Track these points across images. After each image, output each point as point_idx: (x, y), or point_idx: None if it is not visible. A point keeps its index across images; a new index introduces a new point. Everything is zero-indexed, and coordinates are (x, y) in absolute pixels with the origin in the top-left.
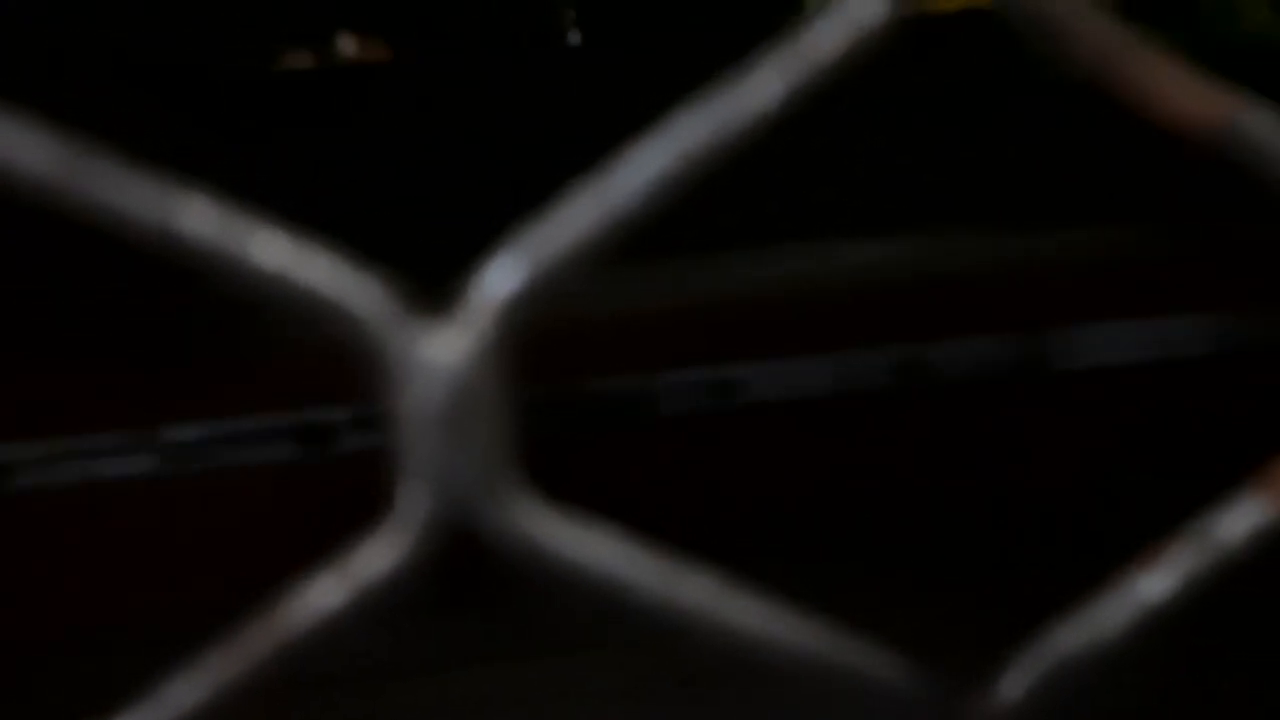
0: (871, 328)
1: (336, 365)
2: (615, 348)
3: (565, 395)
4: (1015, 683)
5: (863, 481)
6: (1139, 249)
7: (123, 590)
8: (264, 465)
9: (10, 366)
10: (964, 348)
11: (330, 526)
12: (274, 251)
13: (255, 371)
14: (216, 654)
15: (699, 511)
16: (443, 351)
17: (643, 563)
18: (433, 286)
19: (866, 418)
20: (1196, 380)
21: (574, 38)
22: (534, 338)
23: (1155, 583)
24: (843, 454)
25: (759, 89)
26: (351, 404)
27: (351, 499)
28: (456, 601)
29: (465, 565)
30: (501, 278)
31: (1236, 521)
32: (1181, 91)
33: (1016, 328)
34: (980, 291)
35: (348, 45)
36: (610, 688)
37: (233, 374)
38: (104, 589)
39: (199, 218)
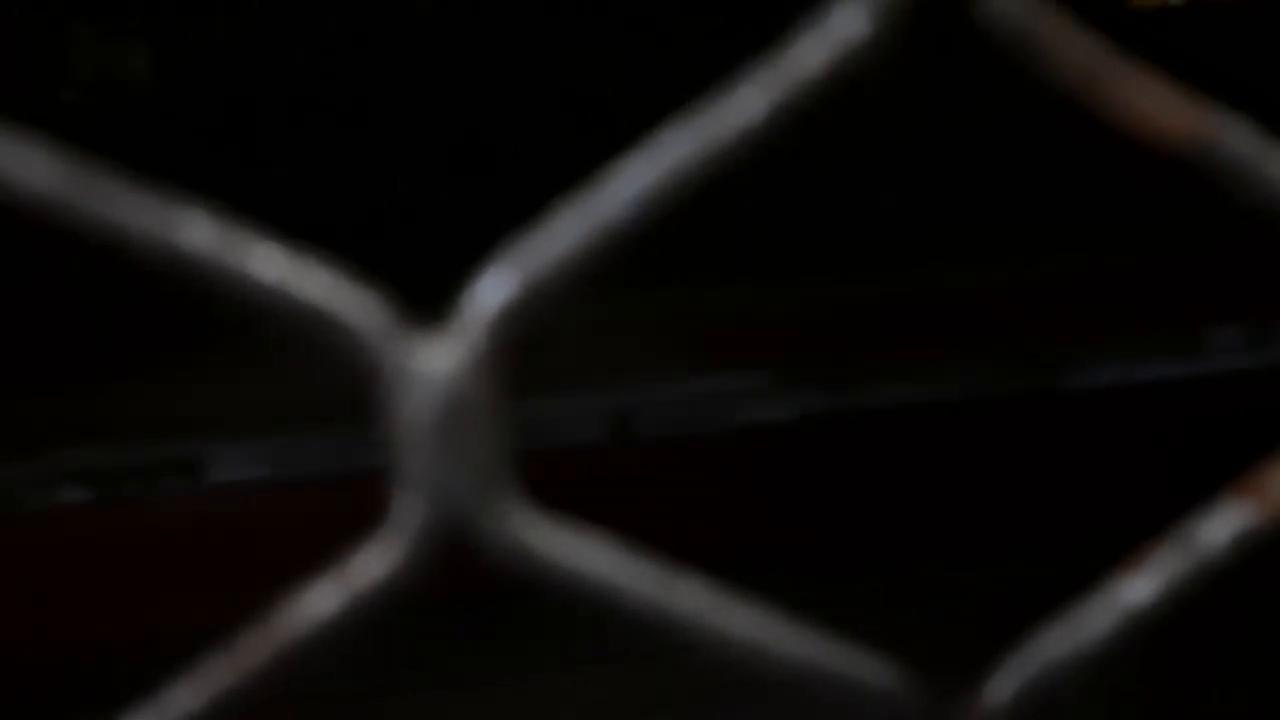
0: (869, 349)
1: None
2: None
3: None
4: (1001, 687)
5: (860, 496)
6: (1126, 270)
7: (118, 610)
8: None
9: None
10: (965, 370)
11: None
12: (272, 265)
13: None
14: (215, 660)
15: (696, 526)
16: (436, 362)
17: (637, 571)
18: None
19: (864, 435)
20: (1192, 396)
21: None
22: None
23: (1139, 588)
24: (840, 469)
25: (743, 105)
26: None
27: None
28: (456, 618)
29: (467, 582)
30: (493, 290)
31: (1219, 527)
32: (1162, 108)
33: (1015, 349)
34: (980, 314)
35: None
36: (611, 704)
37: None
38: (102, 608)
39: (198, 233)
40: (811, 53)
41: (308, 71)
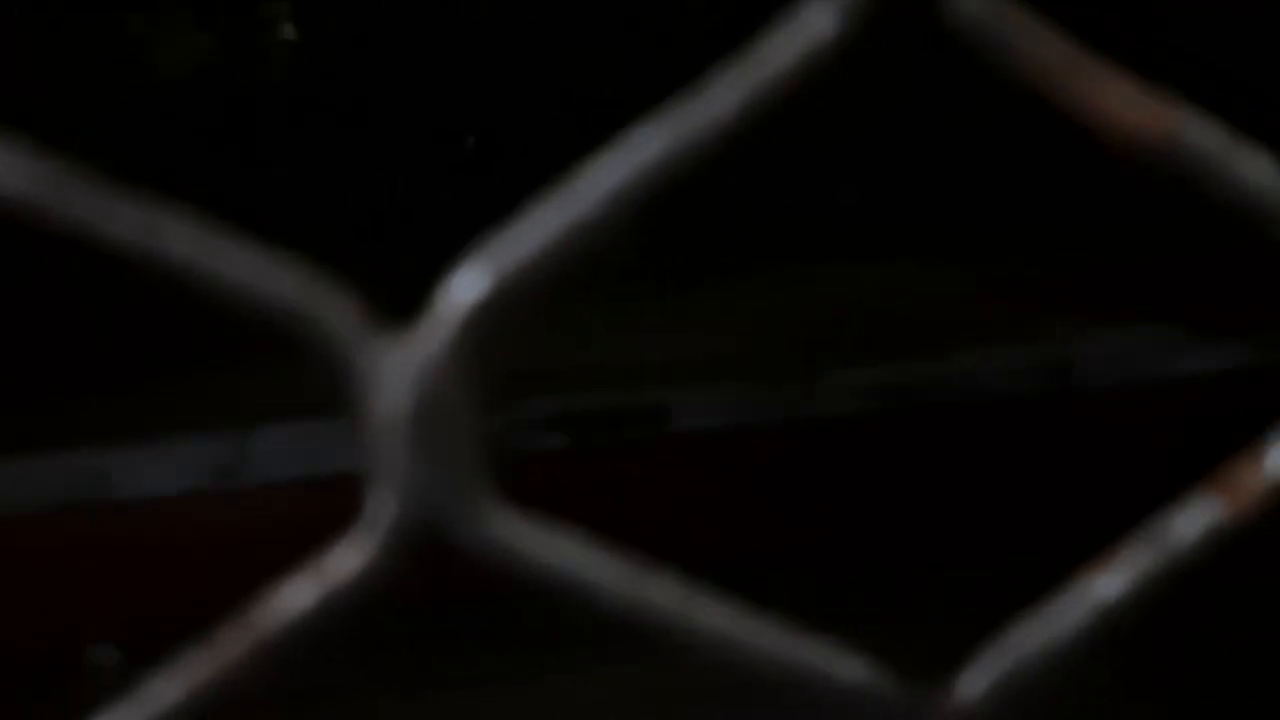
0: (859, 350)
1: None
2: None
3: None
4: (973, 682)
5: (861, 496)
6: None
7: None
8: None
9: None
10: (953, 369)
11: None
12: (243, 265)
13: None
14: (193, 654)
15: (696, 526)
16: (408, 359)
17: (610, 567)
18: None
19: (863, 434)
20: (1194, 396)
21: None
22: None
23: (1109, 582)
24: (840, 468)
25: (714, 103)
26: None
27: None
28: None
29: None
30: (467, 286)
31: (1190, 522)
32: (1127, 105)
33: (1015, 347)
34: (963, 314)
35: None
36: (610, 705)
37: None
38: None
39: (174, 234)
40: (781, 51)
41: (308, 71)
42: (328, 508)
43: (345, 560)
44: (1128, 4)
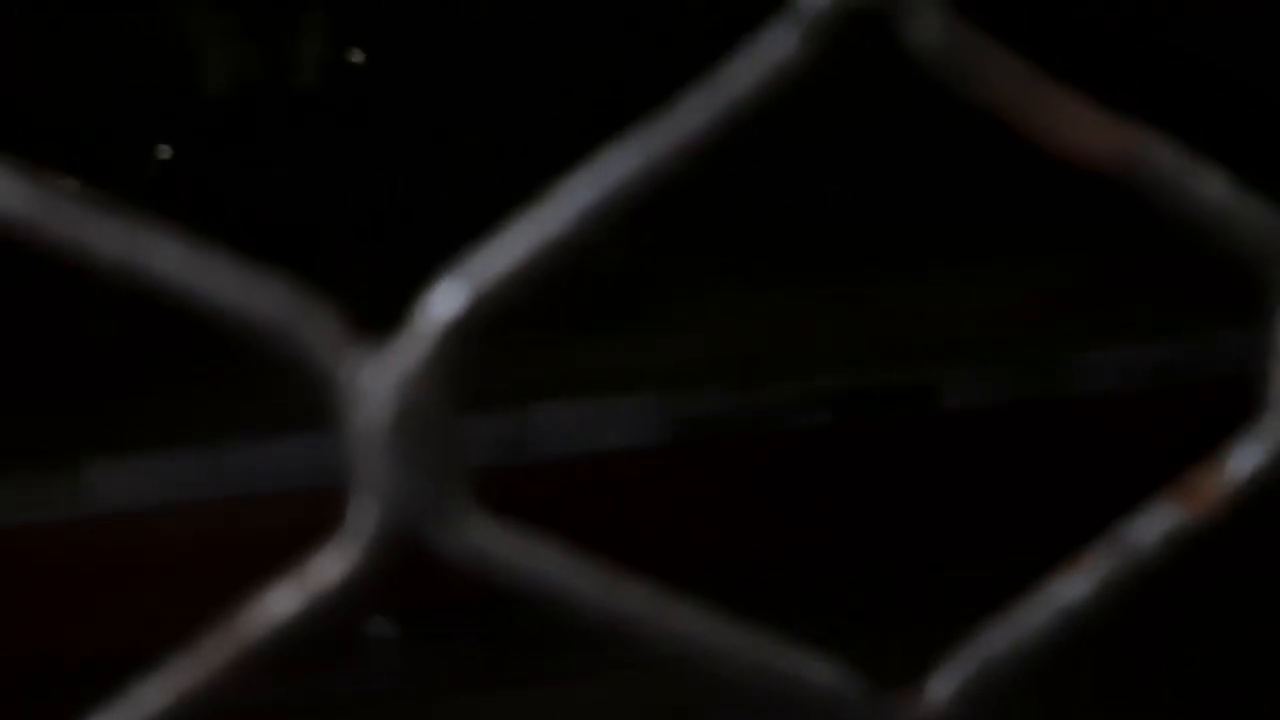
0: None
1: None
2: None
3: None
4: (942, 685)
5: (861, 496)
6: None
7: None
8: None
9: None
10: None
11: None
12: (224, 280)
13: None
14: (182, 660)
15: (696, 526)
16: (388, 372)
17: (586, 574)
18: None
19: (864, 435)
20: (1198, 396)
21: None
22: None
23: (1074, 586)
24: (840, 469)
25: (681, 124)
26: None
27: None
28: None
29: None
30: (445, 301)
31: (1151, 527)
32: (1083, 126)
33: (1017, 348)
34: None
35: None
36: (610, 710)
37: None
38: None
39: (159, 252)
40: (744, 73)
41: (308, 72)
42: (311, 518)
43: (328, 567)
44: (1128, 4)
